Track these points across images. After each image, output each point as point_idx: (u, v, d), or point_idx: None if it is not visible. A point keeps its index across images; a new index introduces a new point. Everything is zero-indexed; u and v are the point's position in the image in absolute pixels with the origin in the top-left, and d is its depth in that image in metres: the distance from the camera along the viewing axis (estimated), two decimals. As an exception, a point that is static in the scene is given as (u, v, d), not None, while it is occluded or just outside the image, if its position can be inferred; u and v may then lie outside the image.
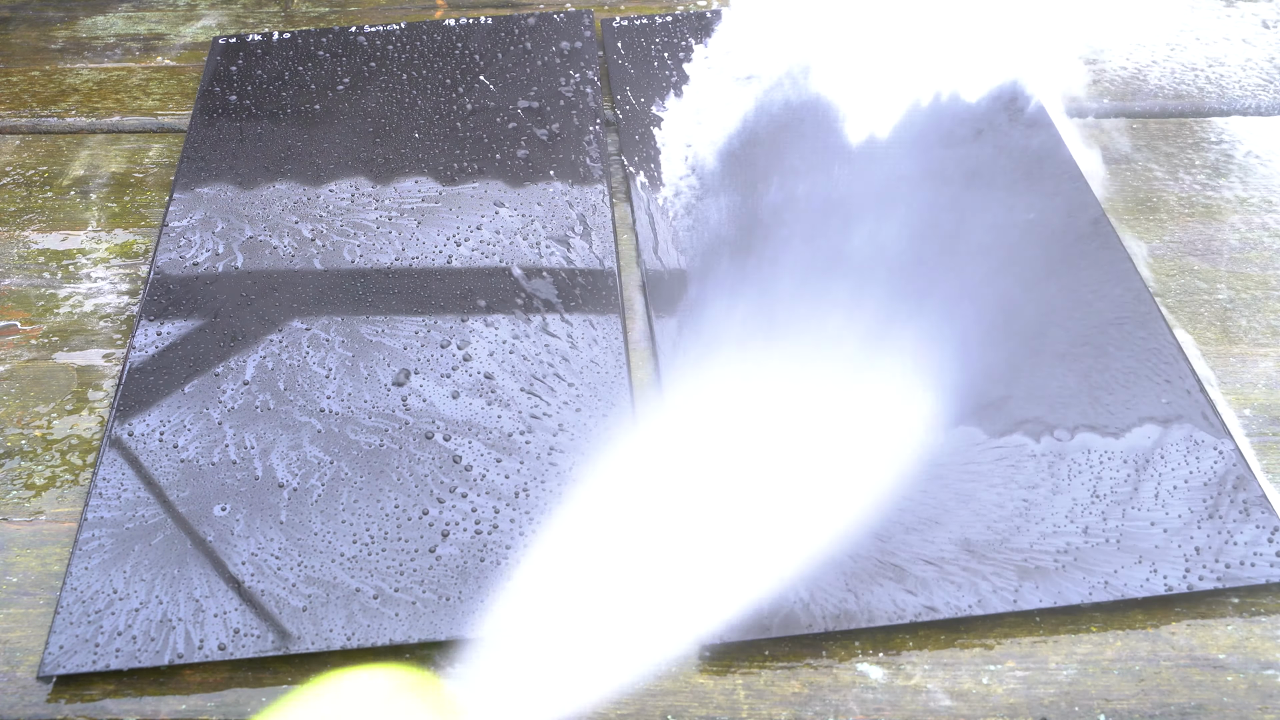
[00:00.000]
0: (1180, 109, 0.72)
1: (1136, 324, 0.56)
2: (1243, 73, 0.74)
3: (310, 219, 0.64)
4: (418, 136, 0.69)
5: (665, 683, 0.46)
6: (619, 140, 0.69)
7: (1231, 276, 0.61)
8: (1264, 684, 0.45)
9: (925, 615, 0.46)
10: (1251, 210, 0.65)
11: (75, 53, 0.80)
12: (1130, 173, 0.67)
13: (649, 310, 0.59)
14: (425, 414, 0.54)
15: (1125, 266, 0.59)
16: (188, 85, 0.77)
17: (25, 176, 0.70)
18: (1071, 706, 0.44)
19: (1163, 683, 0.45)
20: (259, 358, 0.56)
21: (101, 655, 0.45)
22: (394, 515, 0.50)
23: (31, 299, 0.62)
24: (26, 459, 0.54)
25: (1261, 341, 0.58)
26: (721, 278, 0.60)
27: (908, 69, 0.72)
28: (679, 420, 0.53)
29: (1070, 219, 0.62)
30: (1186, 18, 0.79)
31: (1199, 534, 0.48)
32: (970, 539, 0.48)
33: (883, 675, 0.45)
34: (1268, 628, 0.46)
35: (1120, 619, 0.47)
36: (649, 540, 0.48)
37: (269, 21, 0.82)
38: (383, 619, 0.46)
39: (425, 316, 0.58)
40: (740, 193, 0.65)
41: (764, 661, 0.46)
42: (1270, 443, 0.53)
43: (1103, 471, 0.50)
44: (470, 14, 0.80)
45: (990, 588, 0.46)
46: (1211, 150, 0.69)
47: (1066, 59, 0.75)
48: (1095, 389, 0.54)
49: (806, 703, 0.45)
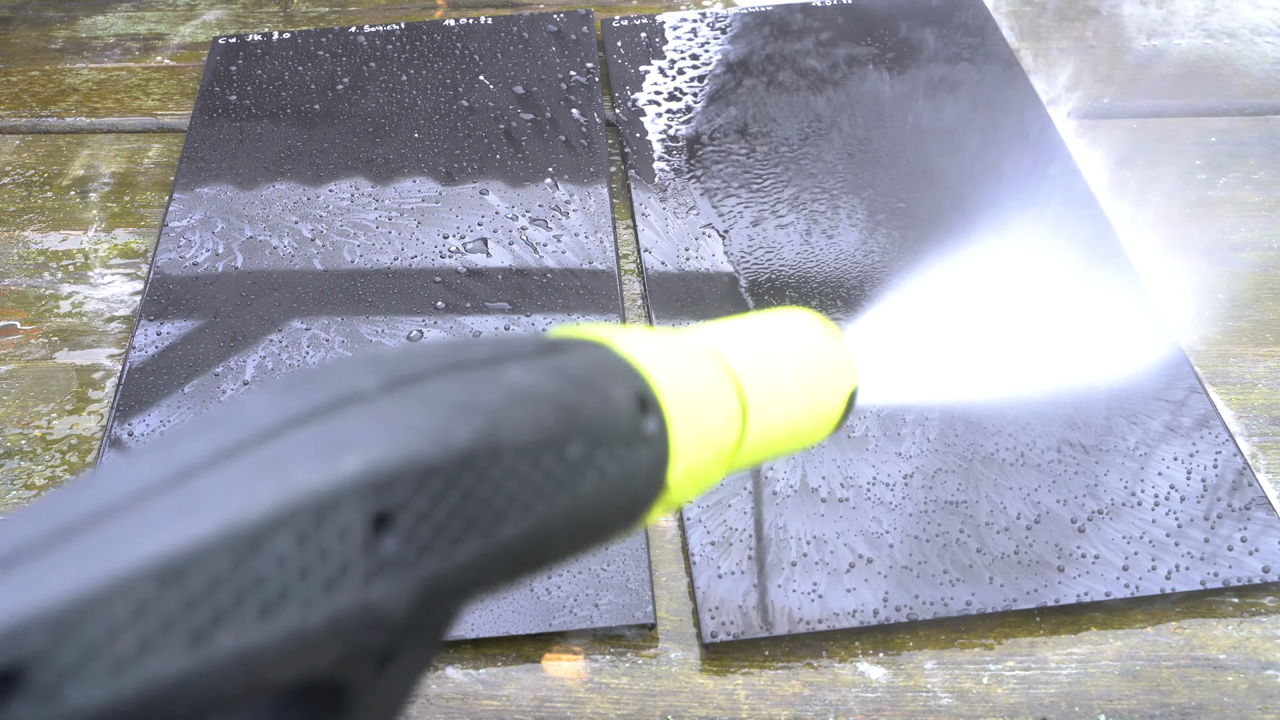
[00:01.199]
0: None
1: (1138, 321, 0.57)
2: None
3: (310, 219, 0.64)
4: (417, 136, 0.69)
5: (665, 682, 0.46)
6: (619, 140, 0.69)
7: (1232, 276, 0.61)
8: (1264, 684, 0.45)
9: (924, 614, 0.46)
10: (1252, 209, 0.65)
11: (75, 52, 0.80)
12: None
13: (649, 310, 0.59)
14: (425, 414, 0.54)
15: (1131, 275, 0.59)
16: (188, 85, 0.77)
17: (25, 176, 0.70)
18: (1072, 707, 0.44)
19: (1163, 683, 0.45)
20: (259, 358, 0.56)
21: (101, 655, 0.45)
22: (394, 515, 0.50)
23: (31, 299, 0.62)
24: (26, 459, 0.54)
25: (1262, 341, 0.58)
26: (722, 277, 0.60)
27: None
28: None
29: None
30: None
31: (1199, 534, 0.48)
32: (969, 538, 0.48)
33: (883, 675, 0.45)
34: (1268, 628, 0.46)
35: (1121, 619, 0.47)
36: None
37: (269, 21, 0.82)
38: (383, 619, 0.46)
39: (425, 316, 0.58)
40: (740, 191, 0.65)
41: (764, 661, 0.46)
42: (1270, 443, 0.53)
43: (1102, 471, 0.50)
44: (470, 14, 0.80)
45: (990, 587, 0.46)
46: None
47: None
48: (1095, 388, 0.54)
49: (806, 703, 0.45)
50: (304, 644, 0.15)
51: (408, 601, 0.16)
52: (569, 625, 0.46)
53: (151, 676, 0.13)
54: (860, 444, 0.52)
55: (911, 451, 0.51)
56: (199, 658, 0.13)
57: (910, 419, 0.52)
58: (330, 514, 0.15)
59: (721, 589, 0.47)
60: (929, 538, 0.48)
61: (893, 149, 0.67)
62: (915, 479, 0.50)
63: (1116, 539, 0.48)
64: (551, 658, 0.47)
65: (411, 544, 0.16)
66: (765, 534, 0.48)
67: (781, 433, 0.26)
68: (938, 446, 0.51)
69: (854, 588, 0.47)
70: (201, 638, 0.14)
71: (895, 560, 0.47)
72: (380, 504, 0.16)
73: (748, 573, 0.47)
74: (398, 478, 0.16)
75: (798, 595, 0.46)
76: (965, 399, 0.53)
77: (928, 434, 0.52)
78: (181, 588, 0.13)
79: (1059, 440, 0.51)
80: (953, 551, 0.48)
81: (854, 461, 0.51)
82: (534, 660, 0.46)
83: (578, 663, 0.46)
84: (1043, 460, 0.51)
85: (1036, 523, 0.48)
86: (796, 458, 0.51)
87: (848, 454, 0.51)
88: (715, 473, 0.24)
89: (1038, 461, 0.51)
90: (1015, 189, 0.63)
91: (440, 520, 0.16)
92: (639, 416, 0.21)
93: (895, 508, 0.49)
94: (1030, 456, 0.51)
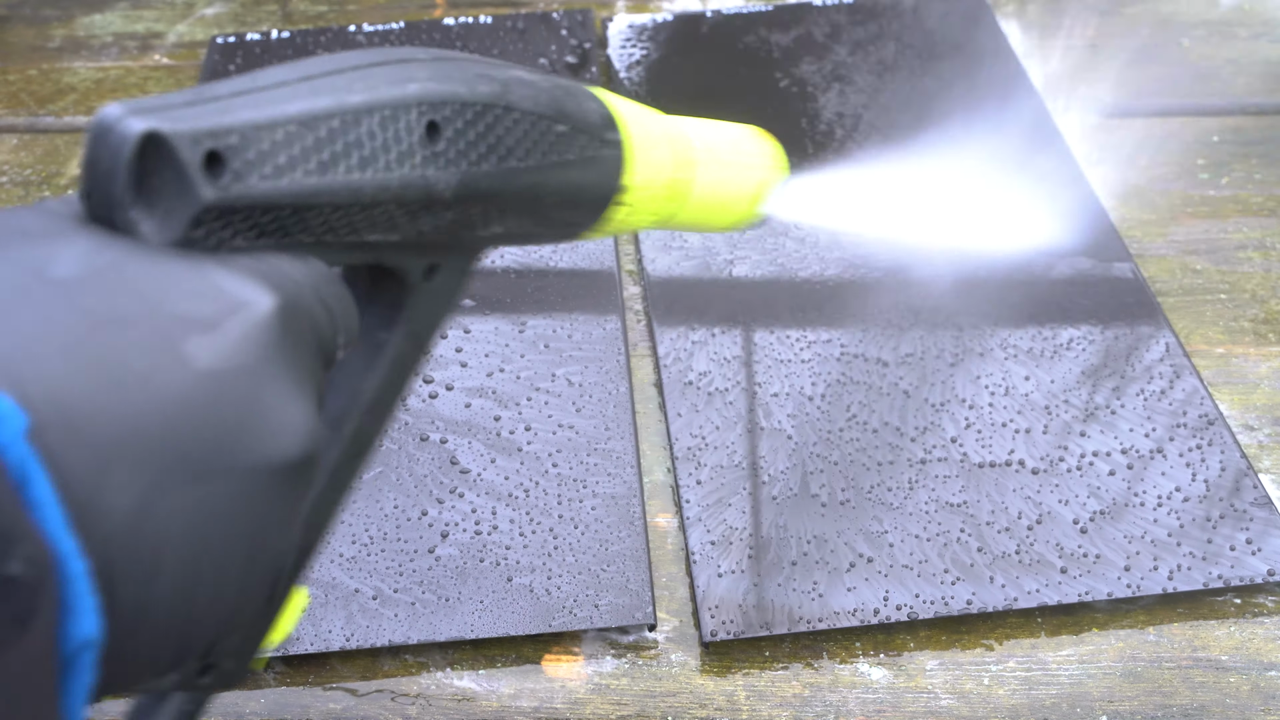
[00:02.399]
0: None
1: (1141, 322, 0.56)
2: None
3: (309, 218, 0.64)
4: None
5: (665, 683, 0.45)
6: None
7: (1233, 275, 0.61)
8: (1266, 685, 0.45)
9: (924, 612, 0.45)
10: (1254, 209, 0.65)
11: (73, 51, 0.80)
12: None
13: (649, 310, 0.59)
14: (424, 414, 0.53)
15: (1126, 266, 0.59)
16: (186, 84, 0.77)
17: (23, 176, 0.70)
18: (1073, 708, 0.44)
19: (1165, 684, 0.45)
20: (257, 357, 0.56)
21: (99, 656, 0.45)
22: (393, 516, 0.49)
23: (29, 298, 0.62)
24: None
25: (1265, 341, 0.58)
26: (721, 278, 0.60)
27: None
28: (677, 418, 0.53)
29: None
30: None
31: (1201, 534, 0.48)
32: (970, 537, 0.48)
33: (884, 676, 0.45)
34: (1270, 629, 0.46)
35: (1122, 620, 0.47)
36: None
37: (267, 20, 0.82)
38: (382, 619, 0.46)
39: (424, 316, 0.58)
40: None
41: (764, 662, 0.46)
42: (1273, 443, 0.53)
43: (1104, 471, 0.50)
44: (469, 12, 0.80)
45: (990, 587, 0.46)
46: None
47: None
48: (1097, 387, 0.53)
49: (807, 703, 0.45)
50: (387, 194, 0.23)
51: (450, 187, 0.24)
52: (569, 626, 0.46)
53: (296, 184, 0.21)
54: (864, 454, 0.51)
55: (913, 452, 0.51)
56: (324, 181, 0.22)
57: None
58: (401, 113, 0.23)
59: (721, 588, 0.47)
60: (929, 537, 0.48)
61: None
62: (915, 476, 0.50)
63: (1118, 539, 0.48)
64: (551, 659, 0.46)
65: (452, 148, 0.24)
66: (764, 532, 0.48)
67: (718, 193, 0.34)
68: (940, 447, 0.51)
69: (854, 587, 0.46)
70: (326, 167, 0.22)
71: (896, 559, 0.47)
72: (432, 116, 0.24)
73: (747, 572, 0.47)
74: (443, 103, 0.24)
75: (798, 594, 0.46)
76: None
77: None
78: (315, 133, 0.22)
79: (1059, 439, 0.51)
80: (952, 550, 0.47)
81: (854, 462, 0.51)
82: (534, 661, 0.46)
83: (577, 664, 0.46)
84: (1043, 461, 0.51)
85: (1037, 522, 0.48)
86: (796, 458, 0.51)
87: (848, 455, 0.51)
88: (666, 202, 0.32)
89: (1038, 462, 0.51)
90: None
91: (471, 139, 0.25)
92: (606, 126, 0.29)
93: (895, 504, 0.49)
94: (1030, 457, 0.51)
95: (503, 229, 0.27)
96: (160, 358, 0.18)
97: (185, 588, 0.19)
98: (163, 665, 0.20)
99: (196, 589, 0.19)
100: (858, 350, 0.55)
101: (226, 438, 0.19)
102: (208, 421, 0.19)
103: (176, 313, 0.19)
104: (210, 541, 0.19)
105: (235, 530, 0.19)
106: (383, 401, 0.27)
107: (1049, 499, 0.49)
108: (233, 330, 0.19)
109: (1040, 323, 0.57)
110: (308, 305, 0.22)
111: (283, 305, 0.21)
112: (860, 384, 0.54)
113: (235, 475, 0.19)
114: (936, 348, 0.55)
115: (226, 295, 0.20)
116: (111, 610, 0.17)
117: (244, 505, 0.19)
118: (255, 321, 0.20)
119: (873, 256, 0.60)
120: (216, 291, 0.20)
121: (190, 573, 0.19)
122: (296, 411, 0.20)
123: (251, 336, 0.20)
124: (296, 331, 0.21)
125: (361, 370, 0.26)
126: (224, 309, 0.20)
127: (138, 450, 0.18)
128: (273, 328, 0.20)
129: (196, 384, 0.18)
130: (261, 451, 0.19)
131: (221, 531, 0.19)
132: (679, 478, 0.51)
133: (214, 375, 0.19)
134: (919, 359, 0.55)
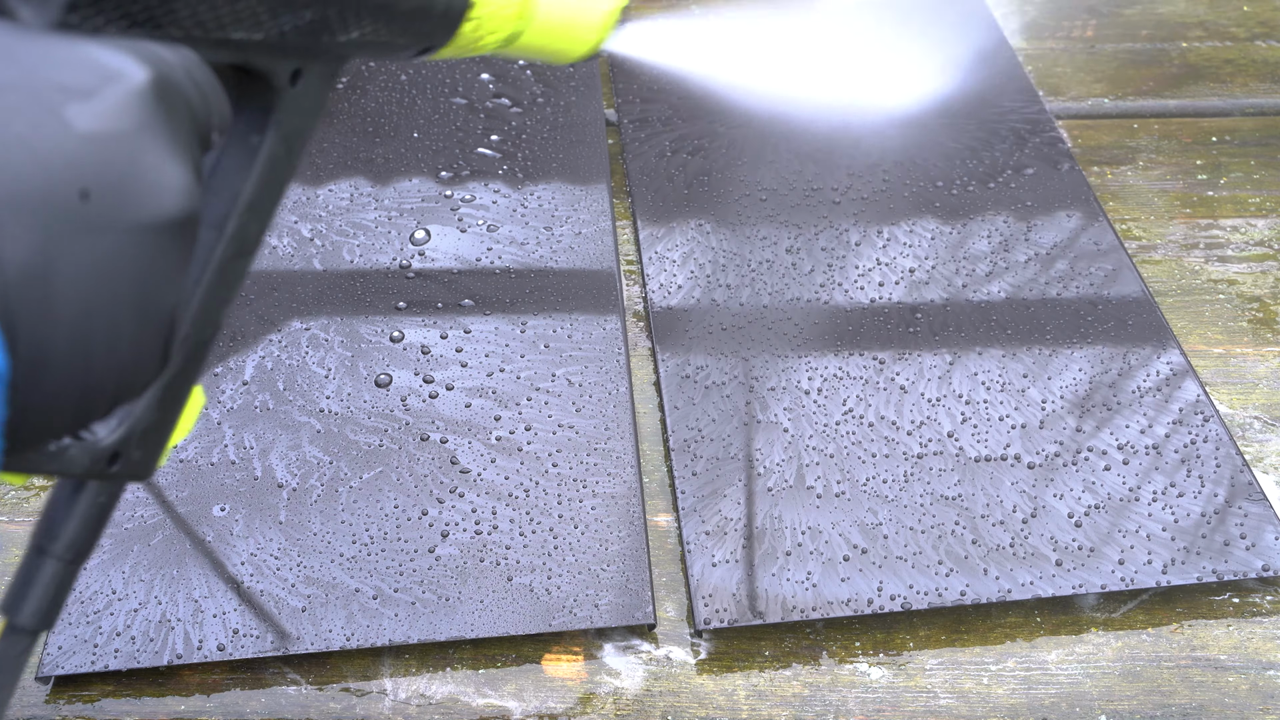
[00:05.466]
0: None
1: (1139, 321, 0.57)
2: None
3: (309, 219, 0.64)
4: (417, 136, 0.69)
5: (665, 682, 0.46)
6: (619, 140, 0.69)
7: (1231, 275, 0.61)
8: (1265, 685, 0.45)
9: (918, 603, 0.45)
10: (1252, 209, 0.65)
11: None
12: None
13: (649, 310, 0.59)
14: (424, 414, 0.54)
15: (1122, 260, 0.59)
16: None
17: (24, 176, 0.70)
18: (1072, 707, 0.44)
19: (1164, 683, 0.45)
20: (258, 358, 0.56)
21: (100, 656, 0.45)
22: (393, 515, 0.50)
23: (30, 299, 0.62)
24: (25, 459, 0.54)
25: (1262, 341, 0.58)
26: (721, 279, 0.60)
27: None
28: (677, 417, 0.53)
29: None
30: None
31: (1199, 533, 0.48)
32: (965, 530, 0.48)
33: (883, 675, 0.45)
34: (1269, 628, 0.46)
35: (1121, 619, 0.47)
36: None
37: (268, 21, 0.82)
38: (382, 619, 0.46)
39: (424, 316, 0.58)
40: (741, 190, 0.64)
41: (764, 661, 0.46)
42: (1270, 441, 0.53)
43: (1103, 470, 0.50)
44: (469, 14, 0.80)
45: (984, 579, 0.46)
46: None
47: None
48: (1095, 384, 0.54)
49: (806, 702, 0.45)
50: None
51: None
52: (569, 626, 0.46)
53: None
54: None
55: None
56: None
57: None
58: None
59: (715, 577, 0.47)
60: (924, 529, 0.48)
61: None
62: (914, 476, 0.50)
63: (1113, 533, 0.48)
64: (551, 658, 0.47)
65: None
66: (759, 523, 0.48)
67: (562, 15, 0.36)
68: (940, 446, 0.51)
69: (848, 577, 0.47)
70: None
71: (890, 551, 0.47)
72: None
73: (741, 561, 0.47)
74: None
75: (791, 584, 0.46)
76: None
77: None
78: None
79: (1055, 434, 0.51)
80: (948, 543, 0.48)
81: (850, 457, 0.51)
82: (534, 661, 0.46)
83: (577, 663, 0.46)
84: (1041, 458, 0.51)
85: (1033, 516, 0.48)
86: (791, 451, 0.51)
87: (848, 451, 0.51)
88: (514, 20, 0.34)
89: (1037, 459, 0.51)
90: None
91: None
92: None
93: (894, 503, 0.49)
94: (1029, 454, 0.51)
95: (359, 34, 0.28)
96: (42, 121, 0.20)
97: (81, 335, 0.21)
98: (68, 413, 0.22)
99: (92, 336, 0.21)
100: (855, 346, 0.56)
101: (110, 195, 0.20)
102: (90, 180, 0.20)
103: (56, 81, 0.20)
104: (101, 292, 0.21)
105: (124, 282, 0.21)
106: (260, 202, 0.28)
107: (1044, 493, 0.49)
108: (110, 97, 0.21)
109: (1040, 322, 0.57)
110: (180, 82, 0.23)
111: (156, 78, 0.22)
112: (857, 379, 0.54)
113: (120, 231, 0.21)
114: (934, 345, 0.56)
115: (103, 67, 0.21)
116: (14, 350, 0.19)
117: (131, 259, 0.21)
118: (131, 90, 0.21)
119: (872, 257, 0.60)
120: (94, 64, 0.21)
121: (84, 321, 0.21)
122: (175, 173, 0.22)
123: (128, 103, 0.21)
124: (170, 104, 0.22)
125: (238, 172, 0.28)
126: (101, 79, 0.21)
127: (26, 206, 0.19)
128: (148, 96, 0.22)
129: (78, 145, 0.20)
130: (144, 208, 0.21)
131: (111, 283, 0.21)
132: (674, 469, 0.51)
133: (94, 138, 0.20)
134: (917, 358, 0.55)
